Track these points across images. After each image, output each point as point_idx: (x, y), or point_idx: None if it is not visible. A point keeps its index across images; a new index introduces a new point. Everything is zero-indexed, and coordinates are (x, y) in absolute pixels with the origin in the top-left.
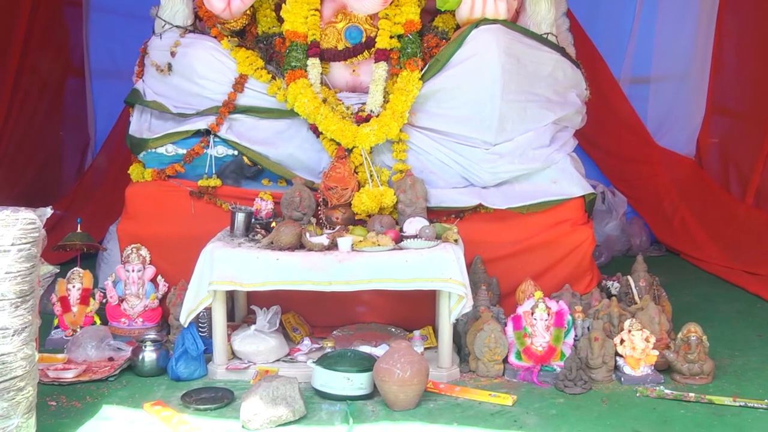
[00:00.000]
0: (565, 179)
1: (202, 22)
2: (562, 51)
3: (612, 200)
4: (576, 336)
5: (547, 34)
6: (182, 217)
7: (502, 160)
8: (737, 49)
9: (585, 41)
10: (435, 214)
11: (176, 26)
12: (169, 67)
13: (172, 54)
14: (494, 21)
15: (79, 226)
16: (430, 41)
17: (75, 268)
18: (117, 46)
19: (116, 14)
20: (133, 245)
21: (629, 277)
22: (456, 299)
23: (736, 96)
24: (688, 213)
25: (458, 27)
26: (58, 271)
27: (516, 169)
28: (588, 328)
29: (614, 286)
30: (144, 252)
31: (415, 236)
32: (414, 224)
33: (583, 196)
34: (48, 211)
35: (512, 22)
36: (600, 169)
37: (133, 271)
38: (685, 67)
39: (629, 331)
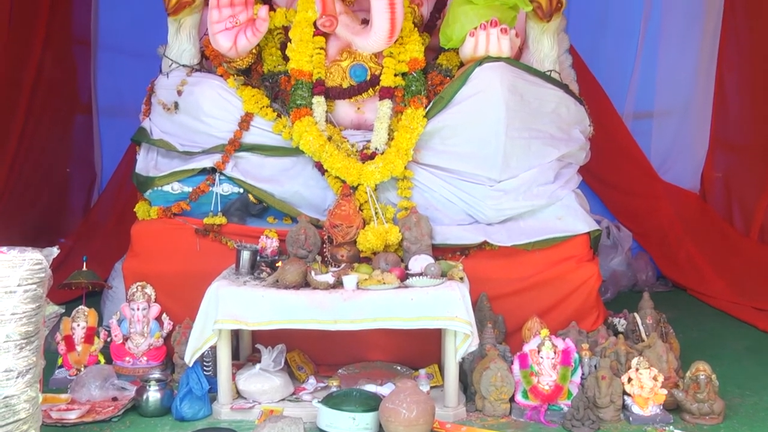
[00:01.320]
0: (570, 216)
1: (208, 61)
2: (565, 88)
3: (617, 235)
4: (583, 374)
5: (551, 71)
6: (188, 254)
7: (507, 197)
8: (738, 84)
9: (588, 77)
10: (440, 252)
11: (183, 65)
12: (176, 105)
13: (179, 93)
14: (498, 58)
15: (84, 264)
16: (435, 79)
17: (80, 307)
18: (124, 84)
19: (123, 53)
20: (138, 283)
21: (636, 314)
22: (462, 338)
23: (739, 130)
24: (694, 248)
25: (462, 64)
26: (63, 311)
27: (520, 205)
28: (595, 366)
29: (621, 323)
30: (149, 290)
31: (420, 274)
32: (419, 262)
33: (589, 233)
34: (55, 251)
35: (516, 60)
36: (605, 204)
37: (137, 309)
38: (687, 102)
39: (637, 369)
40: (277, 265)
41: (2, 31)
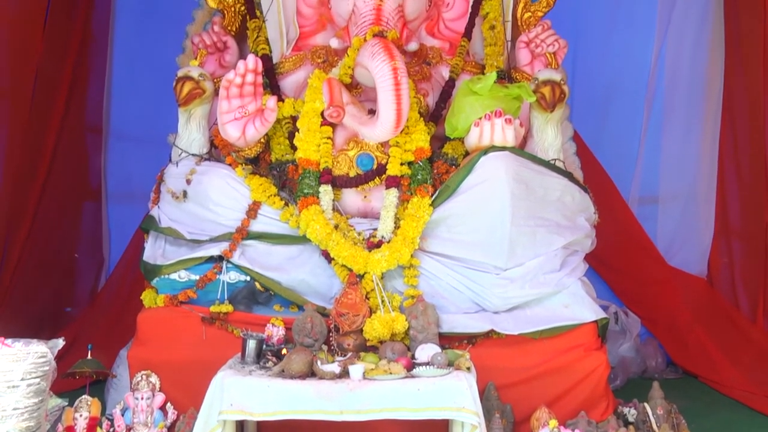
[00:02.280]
0: (577, 304)
1: (217, 150)
2: (569, 176)
3: (625, 321)
4: None
5: (555, 159)
6: (194, 343)
7: (513, 285)
8: (737, 170)
9: (593, 162)
10: (447, 340)
11: (192, 154)
12: (185, 194)
13: (188, 181)
14: (503, 148)
15: (90, 352)
16: (440, 168)
17: (83, 396)
18: (133, 170)
19: (134, 140)
20: (143, 372)
21: (646, 404)
22: (469, 428)
23: (740, 216)
24: (704, 334)
25: (467, 154)
26: (66, 404)
27: (527, 294)
28: None
29: (631, 412)
30: (154, 379)
31: (427, 363)
32: (426, 351)
33: (596, 321)
34: (60, 343)
35: (520, 149)
36: (612, 290)
37: (142, 398)
38: (691, 187)
39: None
40: (283, 353)
41: (22, 122)
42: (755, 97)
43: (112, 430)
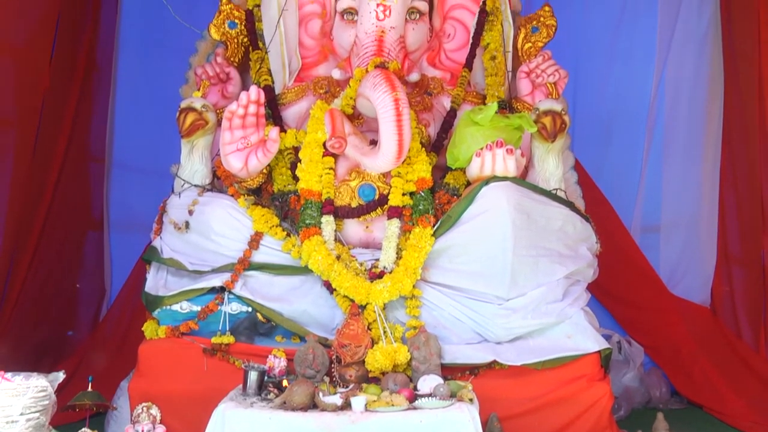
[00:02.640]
0: (580, 334)
1: (219, 181)
2: (571, 206)
3: (629, 350)
4: None
5: (556, 189)
6: (195, 374)
7: (516, 315)
8: (737, 198)
9: (595, 191)
10: (449, 371)
11: (195, 185)
12: (187, 225)
13: (190, 212)
14: (504, 178)
15: (90, 384)
16: (442, 198)
17: (83, 429)
18: (135, 200)
19: (136, 171)
20: (143, 404)
21: None
22: None
23: (740, 245)
24: (708, 364)
25: (469, 184)
26: None
27: (529, 324)
28: None
29: None
30: (155, 411)
31: (429, 395)
32: (428, 382)
33: (599, 351)
34: (60, 376)
35: (521, 179)
36: (615, 319)
37: (142, 430)
38: (693, 215)
39: None
40: (284, 385)
41: (28, 152)
42: (751, 125)
43: None
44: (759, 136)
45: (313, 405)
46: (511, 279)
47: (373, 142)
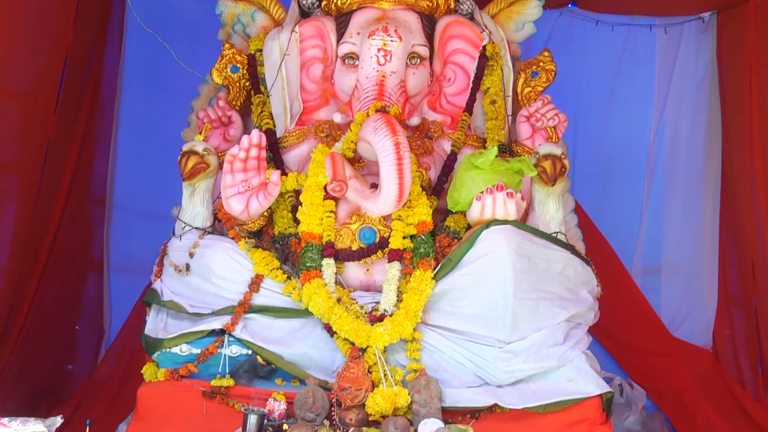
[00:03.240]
0: (581, 377)
1: (220, 224)
2: (571, 249)
3: (630, 393)
4: None
5: (557, 232)
6: (194, 418)
7: (517, 359)
8: (736, 242)
9: (595, 233)
10: (450, 415)
11: (196, 228)
12: (188, 267)
13: (191, 255)
14: (504, 221)
15: (88, 429)
16: (443, 241)
17: None
18: (135, 242)
19: (137, 214)
20: None
21: None
22: None
23: (740, 288)
24: (711, 408)
25: (469, 227)
26: None
27: (530, 367)
28: None
29: None
30: None
31: None
32: (429, 426)
33: (601, 395)
34: (58, 420)
35: (522, 222)
36: (616, 362)
37: None
38: (694, 258)
39: None
40: (284, 429)
41: (31, 195)
42: (747, 171)
43: None
44: (752, 182)
45: None
46: (512, 322)
47: (374, 186)
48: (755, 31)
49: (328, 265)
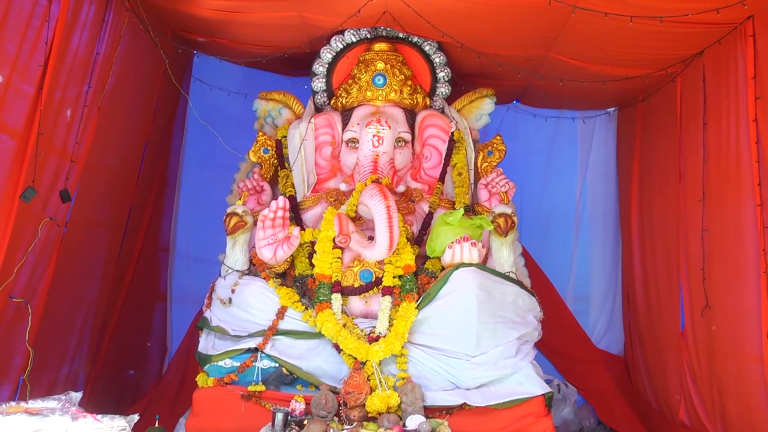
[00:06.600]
0: (529, 381)
1: (255, 267)
2: (520, 284)
3: (565, 391)
4: None
5: (509, 272)
6: (235, 415)
7: (480, 368)
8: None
9: (538, 271)
10: (430, 411)
11: (236, 270)
12: (230, 300)
13: (232, 291)
14: (470, 264)
15: (157, 421)
16: (423, 279)
17: None
18: (192, 280)
19: (192, 258)
20: None
21: None
22: None
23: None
24: (624, 401)
25: (443, 269)
26: None
27: (491, 375)
28: None
29: None
30: None
31: (415, 430)
32: (414, 420)
33: (544, 394)
34: (135, 417)
35: (483, 265)
36: (555, 367)
37: None
38: (610, 287)
39: None
40: (304, 423)
41: (116, 245)
42: (630, 218)
43: None
44: (629, 228)
45: None
46: (476, 341)
47: (371, 238)
48: (641, 124)
49: (336, 298)
